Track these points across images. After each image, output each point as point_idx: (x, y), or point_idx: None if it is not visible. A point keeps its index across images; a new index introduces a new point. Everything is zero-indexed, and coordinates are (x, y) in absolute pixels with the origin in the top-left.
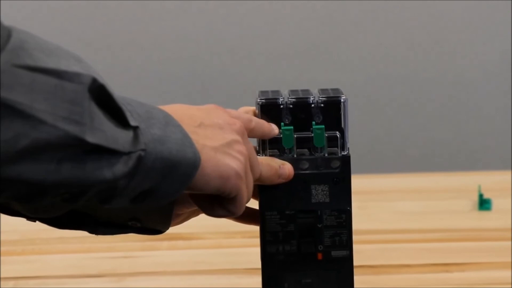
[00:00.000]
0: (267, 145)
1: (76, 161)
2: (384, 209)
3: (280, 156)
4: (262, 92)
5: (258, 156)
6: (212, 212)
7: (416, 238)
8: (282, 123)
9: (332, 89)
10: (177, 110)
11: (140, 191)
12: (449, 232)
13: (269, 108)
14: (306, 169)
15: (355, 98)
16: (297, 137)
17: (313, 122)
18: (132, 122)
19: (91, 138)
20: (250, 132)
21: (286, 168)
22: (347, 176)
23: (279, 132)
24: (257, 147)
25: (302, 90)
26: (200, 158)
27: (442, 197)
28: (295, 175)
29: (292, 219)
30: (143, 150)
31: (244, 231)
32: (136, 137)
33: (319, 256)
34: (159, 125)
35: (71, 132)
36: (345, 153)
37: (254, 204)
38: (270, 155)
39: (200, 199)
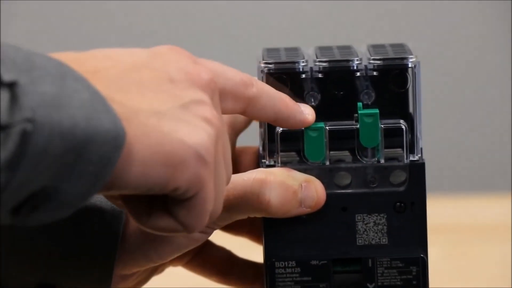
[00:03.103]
0: (279, 145)
1: None
2: (490, 257)
3: (301, 164)
4: (269, 51)
5: (261, 168)
6: (148, 221)
7: None
8: None
9: (393, 45)
10: (92, 57)
11: (28, 194)
12: None
13: (281, 79)
14: (346, 187)
15: (429, 61)
16: (330, 130)
17: (359, 104)
18: (5, 75)
19: None
20: (248, 107)
21: (313, 189)
22: (419, 199)
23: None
24: (260, 148)
25: (339, 47)
26: (125, 132)
27: None
28: (329, 197)
29: (324, 275)
30: (29, 120)
31: None
32: (14, 99)
33: None
34: (51, 78)
35: None
36: (416, 158)
37: (253, 251)
38: (283, 163)
39: (132, 199)
